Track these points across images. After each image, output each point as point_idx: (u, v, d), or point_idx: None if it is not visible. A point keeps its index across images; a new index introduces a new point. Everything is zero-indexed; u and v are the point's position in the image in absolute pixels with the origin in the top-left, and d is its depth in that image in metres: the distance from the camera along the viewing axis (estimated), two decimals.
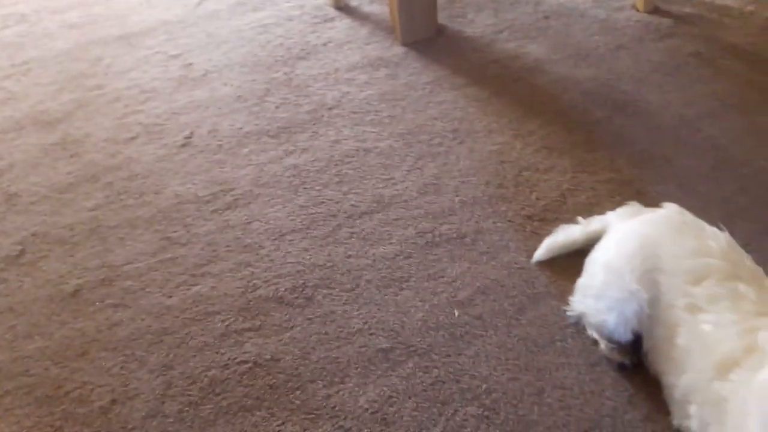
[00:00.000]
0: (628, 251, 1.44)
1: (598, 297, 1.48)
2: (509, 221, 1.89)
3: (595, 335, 1.52)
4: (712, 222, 1.56)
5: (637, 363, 1.47)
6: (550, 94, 2.38)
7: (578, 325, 1.58)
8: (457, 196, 1.99)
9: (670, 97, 2.31)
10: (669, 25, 2.69)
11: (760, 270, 1.35)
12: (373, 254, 1.84)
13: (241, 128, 2.35)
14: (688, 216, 1.48)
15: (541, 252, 1.75)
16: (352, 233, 1.90)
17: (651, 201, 1.89)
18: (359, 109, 2.40)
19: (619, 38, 2.63)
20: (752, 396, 1.08)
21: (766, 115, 2.21)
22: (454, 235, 1.87)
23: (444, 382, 1.51)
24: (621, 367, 1.49)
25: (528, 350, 1.56)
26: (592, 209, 1.86)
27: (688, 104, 2.27)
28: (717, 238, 1.39)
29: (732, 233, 1.82)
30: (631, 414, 1.41)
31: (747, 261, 1.36)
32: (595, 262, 1.52)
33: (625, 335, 1.45)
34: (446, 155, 2.15)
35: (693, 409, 1.24)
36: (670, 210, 1.51)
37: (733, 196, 1.92)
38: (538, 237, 1.80)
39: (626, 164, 2.05)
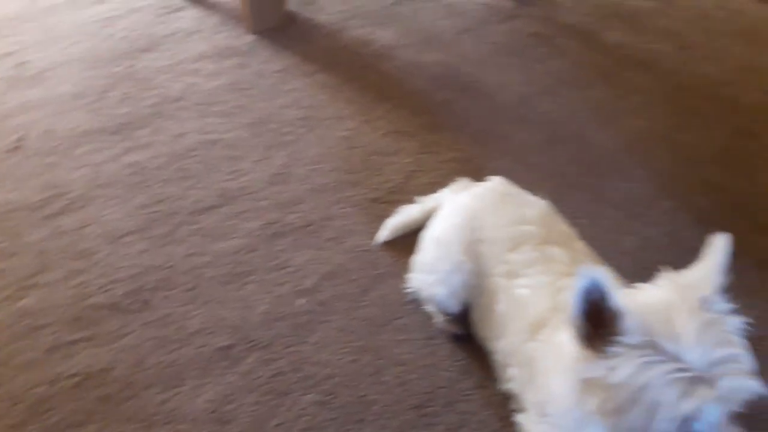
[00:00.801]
0: (453, 225, 1.47)
1: (430, 271, 1.50)
2: (355, 206, 1.90)
3: (431, 308, 1.55)
4: (545, 192, 1.63)
5: (470, 333, 1.50)
6: (398, 79, 2.41)
7: (417, 301, 1.60)
8: (305, 184, 1.97)
9: (510, 76, 2.39)
10: (511, 7, 2.79)
11: (573, 233, 1.42)
12: (216, 250, 1.78)
13: (77, 127, 2.22)
14: (512, 187, 1.53)
15: (383, 233, 1.76)
16: (194, 230, 1.84)
17: (488, 176, 1.96)
18: (205, 101, 2.33)
19: (465, 22, 2.70)
20: (552, 354, 1.13)
21: (597, 89, 2.34)
22: (301, 224, 1.85)
23: (285, 373, 1.49)
24: (455, 338, 1.52)
25: (368, 331, 1.57)
26: (435, 188, 1.87)
27: (526, 83, 2.36)
28: (534, 206, 1.45)
29: (564, 202, 1.91)
30: (465, 383, 1.45)
31: (561, 225, 1.42)
32: (426, 238, 1.55)
33: (456, 306, 1.48)
34: (296, 143, 2.13)
35: (512, 371, 1.28)
36: (494, 183, 1.55)
37: (566, 167, 2.02)
38: (384, 219, 1.80)
39: (468, 143, 2.10)
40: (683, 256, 1.74)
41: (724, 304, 0.96)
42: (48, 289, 1.71)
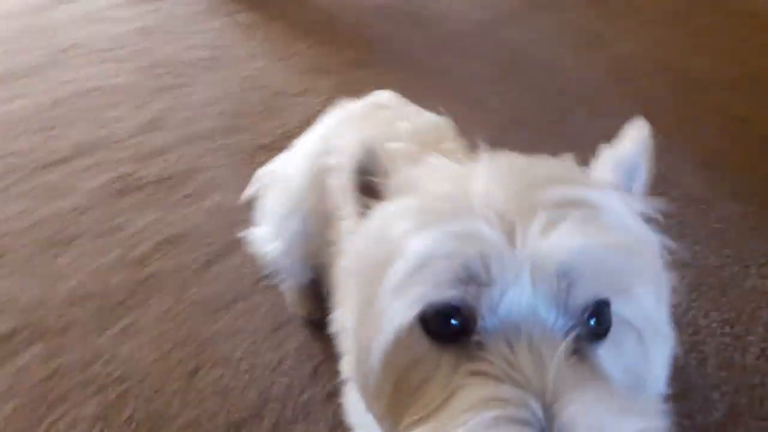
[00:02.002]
0: (298, 152, 1.04)
1: (266, 221, 1.07)
2: (234, 155, 1.47)
3: (280, 284, 1.10)
4: (489, 130, 1.15)
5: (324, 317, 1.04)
6: (329, 13, 1.96)
7: (270, 274, 1.15)
8: (179, 131, 1.56)
9: (468, 3, 1.89)
10: None
11: (464, 152, 0.93)
12: (43, 213, 1.38)
13: None
14: (396, 100, 1.08)
15: (251, 188, 1.31)
16: (25, 191, 1.45)
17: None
18: (106, 47, 1.96)
19: None
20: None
21: (577, 12, 1.81)
22: (156, 178, 1.43)
23: (67, 373, 1.06)
24: (307, 323, 1.06)
25: (198, 316, 1.12)
26: None
27: (489, 8, 1.86)
28: (416, 120, 0.97)
29: (509, 141, 1.42)
30: (310, 392, 0.99)
31: (448, 143, 0.94)
32: (268, 176, 1.10)
33: (302, 271, 1.05)
34: (187, 87, 1.72)
35: (343, 362, 0.81)
36: (376, 96, 1.10)
37: (519, 100, 1.51)
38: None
39: (398, 80, 1.62)
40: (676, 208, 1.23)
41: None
42: None
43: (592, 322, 0.46)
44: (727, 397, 0.93)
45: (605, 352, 0.47)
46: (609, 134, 0.93)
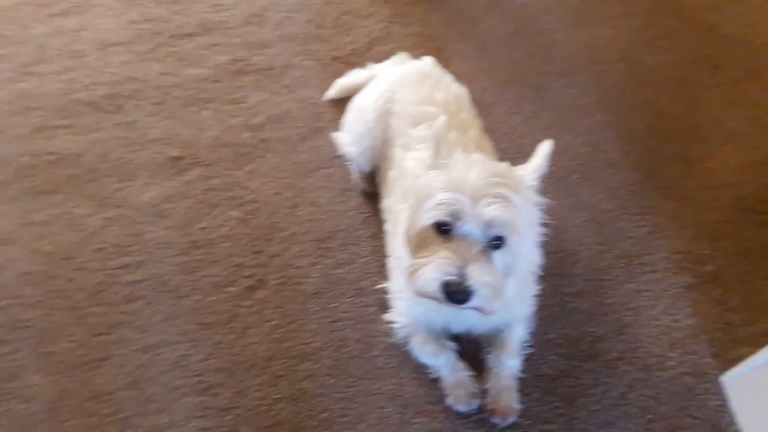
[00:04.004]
0: (374, 95, 1.68)
1: (348, 131, 1.74)
2: (317, 60, 2.09)
3: (351, 165, 1.81)
4: (492, 82, 1.76)
5: (376, 192, 1.77)
6: None
7: (342, 158, 1.85)
8: (277, 30, 2.15)
9: None
10: None
11: (473, 121, 1.60)
12: (186, 74, 2.02)
13: None
14: (437, 70, 1.68)
15: (332, 91, 1.97)
16: (171, 53, 2.07)
17: (446, 57, 2.12)
18: None
19: None
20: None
21: None
22: (264, 67, 2.06)
23: (218, 190, 1.79)
24: (365, 194, 1.79)
25: (296, 173, 1.84)
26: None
27: None
28: (448, 91, 1.61)
29: (505, 94, 2.09)
30: (361, 231, 1.74)
31: (465, 113, 1.60)
32: (353, 103, 1.76)
33: (366, 166, 1.73)
34: None
35: (386, 225, 1.56)
36: (422, 63, 1.71)
37: (521, 62, 2.16)
38: (337, 78, 2.01)
39: (437, 21, 2.23)
40: (595, 168, 1.90)
41: (530, 180, 1.24)
42: (43, 78, 1.99)
43: (496, 242, 1.19)
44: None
45: (496, 254, 1.20)
46: (572, 105, 1.71)
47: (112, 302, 1.58)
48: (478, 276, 1.14)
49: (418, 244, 1.23)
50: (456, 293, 1.14)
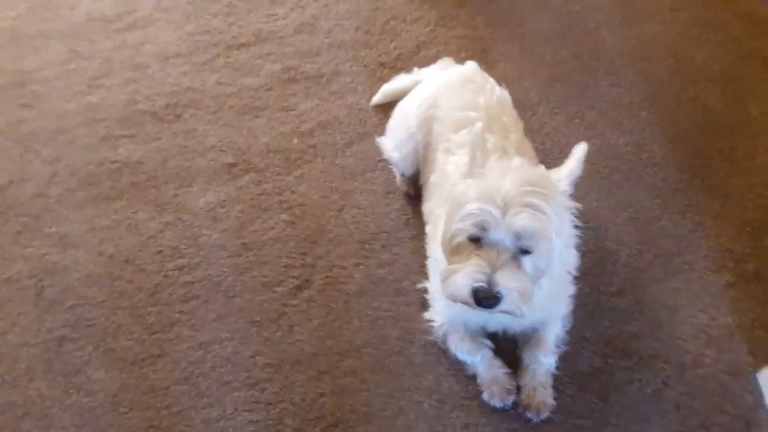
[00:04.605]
0: (416, 100, 1.73)
1: (392, 136, 1.80)
2: (364, 66, 2.16)
3: (394, 169, 1.88)
4: (536, 82, 1.77)
5: (419, 195, 1.83)
6: None
7: (387, 162, 1.92)
8: (327, 38, 2.24)
9: None
10: None
11: (515, 125, 1.63)
12: (241, 83, 2.13)
13: None
14: (479, 75, 1.72)
15: (377, 97, 2.04)
16: (227, 63, 2.18)
17: (491, 59, 2.16)
18: None
19: None
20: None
21: None
22: (314, 74, 2.15)
23: (269, 194, 1.90)
24: (407, 197, 1.86)
25: (342, 177, 1.92)
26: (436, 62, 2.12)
27: None
28: (489, 96, 1.64)
29: (549, 94, 2.12)
30: (403, 233, 1.81)
31: (507, 117, 1.63)
32: (397, 107, 1.82)
33: (409, 170, 1.79)
34: None
35: (427, 228, 1.62)
36: (467, 68, 1.75)
37: (565, 62, 2.16)
38: (383, 83, 2.07)
39: (483, 22, 2.26)
40: (637, 167, 1.88)
41: (564, 186, 1.27)
42: (108, 90, 2.15)
43: (526, 247, 1.22)
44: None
45: (526, 259, 1.23)
46: (617, 103, 1.70)
47: (168, 302, 1.70)
48: (506, 282, 1.19)
49: (453, 251, 1.29)
50: (485, 299, 1.20)
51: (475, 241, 1.24)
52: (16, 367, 1.64)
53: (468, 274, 1.21)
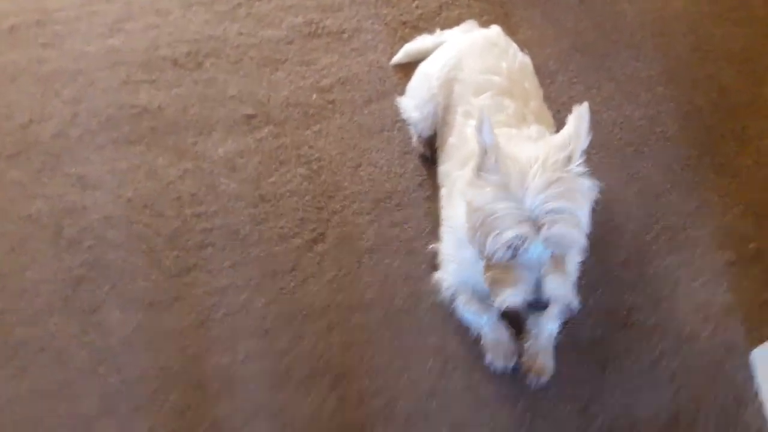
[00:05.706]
0: (439, 61, 1.74)
1: (412, 96, 1.82)
2: (386, 24, 2.16)
3: (411, 130, 1.90)
4: (556, 50, 1.76)
5: (434, 157, 1.85)
6: None
7: (404, 122, 1.94)
8: None
9: None
10: None
11: (535, 91, 1.63)
12: (262, 35, 2.13)
13: None
14: (503, 39, 1.71)
15: (398, 56, 2.04)
16: (249, 13, 2.18)
17: (513, 23, 2.15)
18: None
19: None
20: (460, 182, 1.48)
21: None
22: (335, 30, 2.15)
23: (287, 148, 1.92)
24: (423, 158, 1.88)
25: (360, 134, 1.95)
26: (459, 24, 2.11)
27: None
28: (512, 60, 1.64)
29: (570, 63, 2.12)
30: (418, 193, 1.85)
31: (527, 83, 1.63)
32: (419, 68, 1.83)
33: (426, 131, 1.81)
34: None
35: (442, 191, 1.65)
36: (490, 32, 1.74)
37: (587, 31, 2.16)
38: (404, 42, 2.07)
39: None
40: (650, 142, 1.91)
41: (579, 167, 1.22)
42: (129, 35, 2.15)
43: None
44: None
45: (567, 257, 1.26)
46: (634, 77, 1.68)
47: (186, 247, 1.75)
48: (553, 289, 1.23)
49: (491, 265, 1.29)
50: (536, 306, 1.25)
51: (510, 259, 1.24)
52: (34, 302, 1.69)
53: (518, 290, 1.23)
